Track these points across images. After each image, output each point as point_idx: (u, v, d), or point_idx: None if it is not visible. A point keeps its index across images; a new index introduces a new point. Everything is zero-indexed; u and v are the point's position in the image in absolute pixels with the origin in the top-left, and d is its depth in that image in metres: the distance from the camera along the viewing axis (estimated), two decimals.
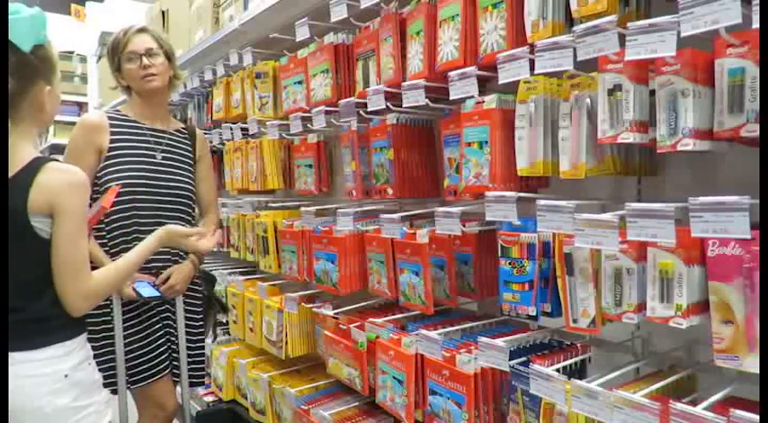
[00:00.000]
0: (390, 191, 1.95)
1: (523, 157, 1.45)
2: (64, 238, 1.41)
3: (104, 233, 2.06)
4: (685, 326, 1.17)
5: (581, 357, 1.53)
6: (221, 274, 3.13)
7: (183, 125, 2.33)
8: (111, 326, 2.05)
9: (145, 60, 2.07)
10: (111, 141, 2.07)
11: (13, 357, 1.38)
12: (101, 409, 1.52)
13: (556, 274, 1.40)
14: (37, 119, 1.49)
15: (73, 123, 2.16)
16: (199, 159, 2.31)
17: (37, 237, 1.40)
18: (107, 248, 2.05)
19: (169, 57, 2.16)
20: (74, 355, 1.47)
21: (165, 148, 2.18)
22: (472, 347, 1.63)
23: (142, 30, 2.11)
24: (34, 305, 1.42)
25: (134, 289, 1.97)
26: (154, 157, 2.13)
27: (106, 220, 2.05)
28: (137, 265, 1.69)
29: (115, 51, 2.11)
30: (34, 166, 1.40)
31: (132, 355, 2.08)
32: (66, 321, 1.45)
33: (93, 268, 1.52)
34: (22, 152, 1.43)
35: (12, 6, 1.37)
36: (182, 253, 2.19)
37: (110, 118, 2.11)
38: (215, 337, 3.08)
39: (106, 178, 2.03)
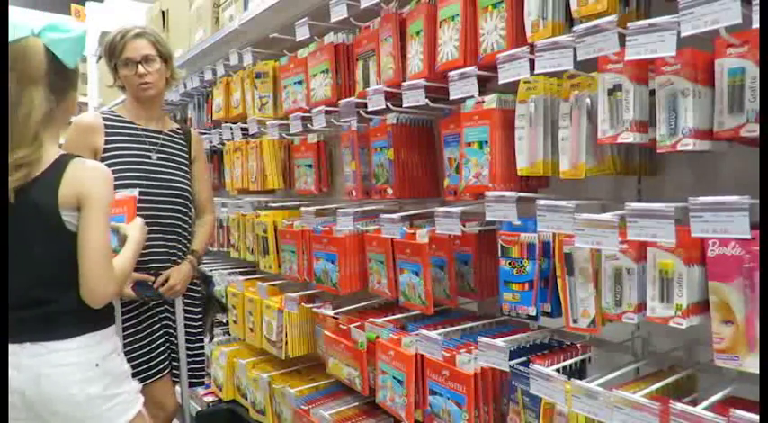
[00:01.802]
0: (390, 191, 1.95)
1: (523, 157, 1.45)
2: (93, 226, 1.45)
3: None
4: (685, 326, 1.17)
5: (581, 357, 1.53)
6: (221, 274, 3.14)
7: (177, 125, 2.32)
8: None
9: (140, 68, 2.05)
10: (107, 142, 2.06)
11: (46, 346, 1.43)
12: (131, 399, 1.57)
13: (556, 274, 1.40)
14: (64, 121, 1.59)
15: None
16: (194, 160, 2.30)
17: (68, 231, 1.45)
18: None
19: (166, 59, 2.14)
20: (104, 345, 1.52)
21: (160, 148, 2.17)
22: (472, 347, 1.63)
23: (140, 34, 2.07)
24: (66, 296, 1.46)
25: (134, 289, 1.97)
26: (149, 157, 2.13)
27: None
28: (138, 254, 1.71)
29: (112, 54, 2.09)
30: (61, 163, 1.46)
31: (132, 355, 2.07)
32: (94, 312, 1.49)
33: None
34: (48, 152, 1.47)
35: (63, 23, 1.46)
36: (180, 254, 2.19)
37: (104, 119, 2.10)
38: (211, 338, 3.08)
39: None
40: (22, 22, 1.43)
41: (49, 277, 1.46)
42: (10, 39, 1.41)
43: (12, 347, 1.44)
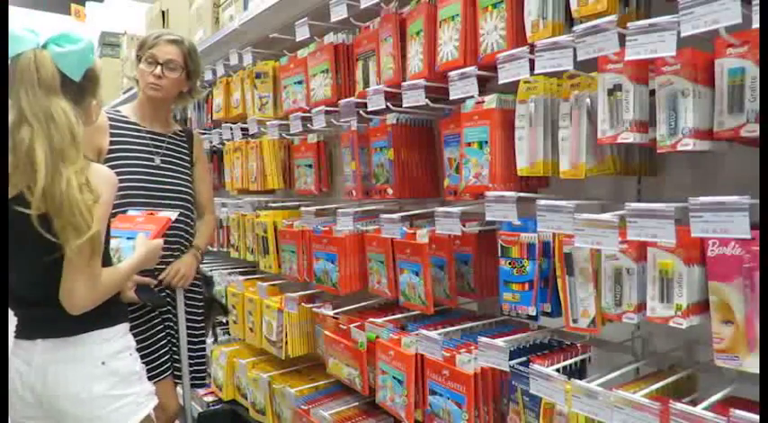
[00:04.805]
0: (390, 191, 1.95)
1: (523, 157, 1.45)
2: None
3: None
4: (685, 326, 1.17)
5: (581, 357, 1.53)
6: (221, 274, 3.14)
7: (180, 127, 2.34)
8: None
9: (158, 69, 2.08)
10: (111, 143, 2.07)
11: (55, 343, 1.43)
12: (140, 401, 1.53)
13: (556, 274, 1.40)
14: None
15: None
16: (195, 161, 2.32)
17: None
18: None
19: (190, 75, 2.18)
20: (112, 343, 1.49)
21: (164, 152, 2.18)
22: (472, 347, 1.63)
23: (175, 41, 2.12)
24: None
25: (136, 292, 1.98)
26: (152, 160, 2.14)
27: None
28: (136, 270, 1.67)
29: (141, 47, 2.14)
30: None
31: None
32: (105, 309, 1.47)
33: None
34: None
35: (67, 35, 1.42)
36: (182, 249, 2.19)
37: (110, 119, 2.11)
38: (216, 338, 3.08)
39: None
40: (25, 34, 1.38)
41: (52, 279, 1.42)
42: (15, 52, 1.36)
43: (25, 344, 1.45)
